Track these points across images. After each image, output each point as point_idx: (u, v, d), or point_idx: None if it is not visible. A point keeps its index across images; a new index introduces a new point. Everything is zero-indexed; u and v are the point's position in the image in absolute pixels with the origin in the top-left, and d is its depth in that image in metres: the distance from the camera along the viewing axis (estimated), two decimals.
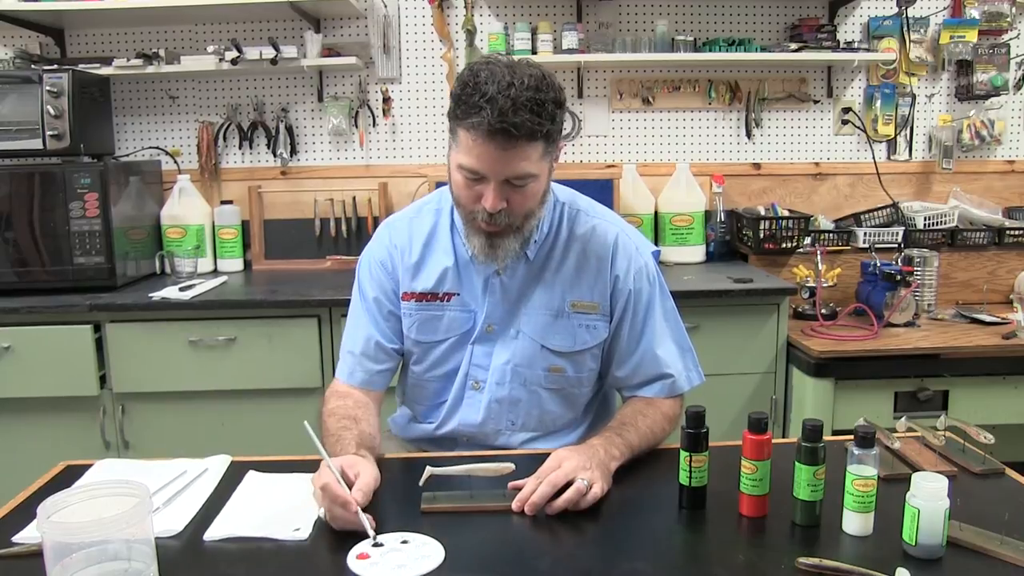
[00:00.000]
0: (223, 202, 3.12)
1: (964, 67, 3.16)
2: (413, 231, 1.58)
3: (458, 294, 1.54)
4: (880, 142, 3.23)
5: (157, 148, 3.17)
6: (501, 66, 1.31)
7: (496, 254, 1.44)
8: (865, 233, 3.03)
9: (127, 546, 1.00)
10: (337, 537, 1.17)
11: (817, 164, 3.25)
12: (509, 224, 1.41)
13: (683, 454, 1.25)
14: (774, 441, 1.24)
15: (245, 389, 2.58)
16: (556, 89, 1.34)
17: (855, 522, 1.17)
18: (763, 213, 3.08)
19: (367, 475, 1.25)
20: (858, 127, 3.22)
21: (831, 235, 3.04)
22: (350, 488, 1.20)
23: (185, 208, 3.04)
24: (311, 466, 1.40)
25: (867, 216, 3.12)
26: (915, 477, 1.12)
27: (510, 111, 1.28)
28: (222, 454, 1.46)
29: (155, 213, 3.03)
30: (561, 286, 1.53)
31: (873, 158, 3.21)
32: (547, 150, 1.36)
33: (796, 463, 1.19)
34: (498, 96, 1.27)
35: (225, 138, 3.16)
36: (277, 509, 1.26)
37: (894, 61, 3.16)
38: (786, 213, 3.07)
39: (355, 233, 3.15)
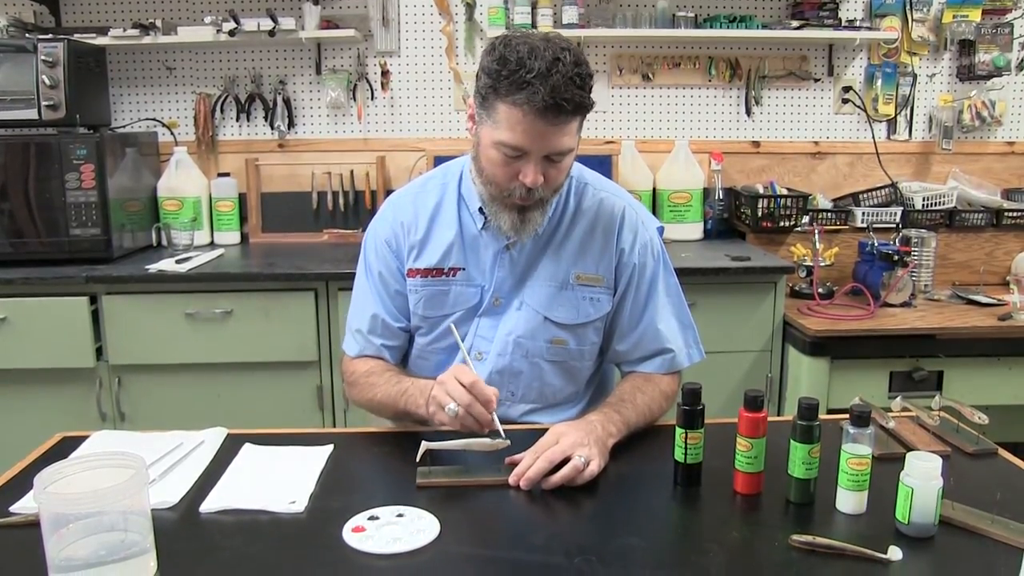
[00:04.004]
0: (220, 174, 3.11)
1: (966, 47, 3.14)
2: (418, 207, 1.58)
3: (464, 268, 1.54)
4: (880, 122, 3.22)
5: (154, 120, 3.15)
6: (536, 39, 1.32)
7: (526, 228, 1.46)
8: (863, 213, 3.02)
9: (123, 517, 1.00)
10: (333, 510, 1.17)
11: (816, 143, 3.23)
12: (541, 199, 1.42)
13: (679, 431, 1.25)
14: (770, 419, 1.25)
15: (242, 362, 2.58)
16: (588, 63, 1.35)
17: (849, 500, 1.17)
18: (762, 191, 3.07)
19: (491, 387, 1.33)
20: (858, 106, 3.20)
21: (829, 214, 3.04)
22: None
23: (182, 180, 3.02)
24: (307, 439, 1.42)
25: (866, 196, 3.11)
26: (909, 456, 1.12)
27: (562, 87, 1.28)
28: (218, 427, 1.46)
29: (151, 185, 3.01)
30: (567, 258, 1.53)
31: (873, 138, 3.20)
32: (581, 123, 1.39)
33: (791, 441, 1.20)
34: (548, 72, 1.28)
35: (222, 110, 3.14)
36: (273, 481, 1.26)
37: (896, 40, 3.13)
38: (785, 191, 3.06)
39: (352, 207, 3.14)
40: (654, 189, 3.12)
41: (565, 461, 1.24)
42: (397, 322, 1.59)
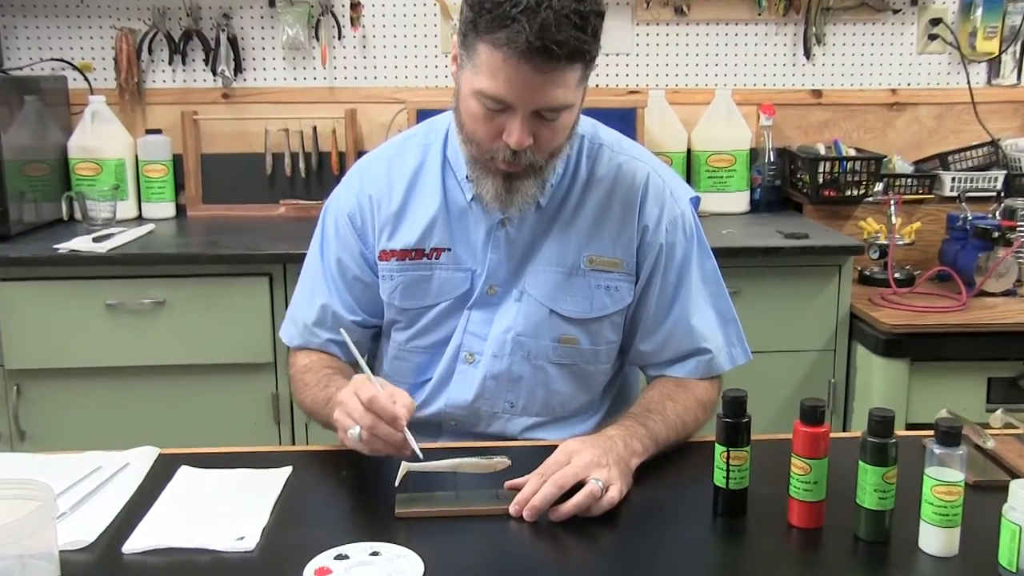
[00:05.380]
0: (149, 131, 3.10)
1: None
2: (393, 174, 1.58)
3: (449, 249, 1.55)
4: (979, 62, 3.20)
5: (61, 61, 3.13)
6: None
7: (513, 200, 1.45)
8: (954, 178, 3.02)
9: (20, 563, 0.99)
10: (291, 547, 1.17)
11: (894, 91, 3.23)
12: (532, 164, 1.41)
13: (719, 449, 1.26)
14: (832, 435, 1.24)
15: (177, 365, 2.58)
16: None
17: (935, 539, 1.17)
18: (823, 152, 3.07)
19: (404, 394, 1.32)
20: (950, 43, 3.19)
21: (909, 180, 3.03)
22: None
23: (100, 138, 3.02)
24: (260, 460, 1.42)
25: (957, 157, 3.10)
26: (1013, 485, 1.11)
27: (553, 26, 1.27)
28: (147, 446, 1.46)
29: (60, 144, 3.01)
30: (577, 238, 1.53)
31: (968, 83, 3.18)
32: (584, 75, 1.37)
33: (860, 463, 1.19)
34: (538, 5, 1.26)
35: (151, 50, 3.13)
36: (216, 513, 1.26)
37: None
38: (852, 152, 3.06)
39: (316, 172, 3.14)
40: (688, 151, 3.12)
41: (579, 486, 1.24)
42: (353, 315, 1.60)
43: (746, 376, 1.58)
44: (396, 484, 1.29)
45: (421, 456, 1.29)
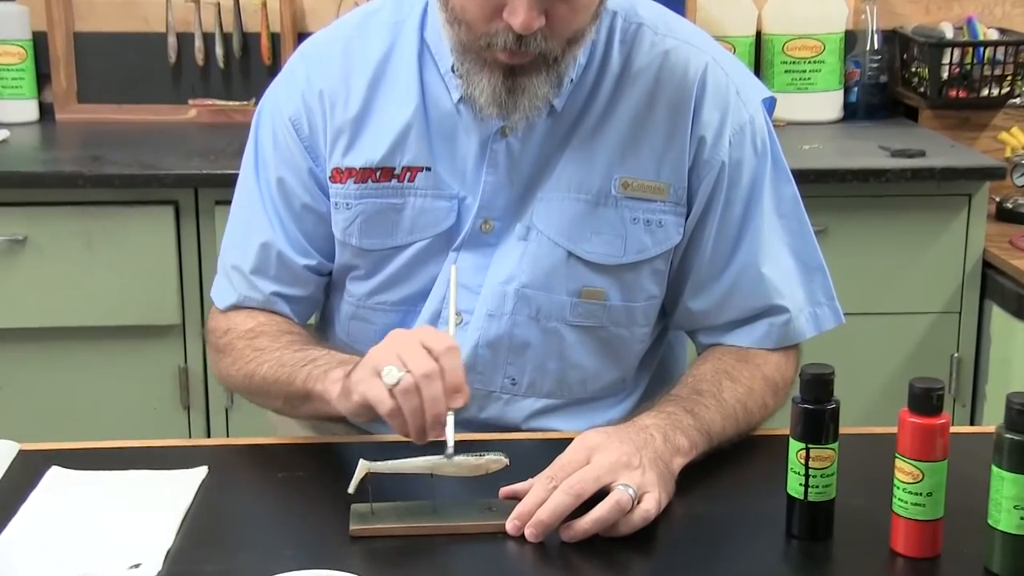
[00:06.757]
0: None
1: None
2: (351, 63, 1.58)
3: (428, 169, 1.55)
4: None
5: None
6: None
7: (517, 102, 1.44)
8: None
9: None
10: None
11: None
12: (543, 53, 1.40)
13: (795, 446, 1.26)
14: (954, 429, 1.25)
15: (43, 328, 2.60)
16: None
17: None
18: (951, 35, 3.06)
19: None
20: None
21: None
22: None
23: None
24: (163, 457, 1.42)
25: None
26: None
27: None
28: (2, 439, 1.46)
29: None
30: (605, 154, 1.53)
31: None
32: None
33: (995, 468, 1.20)
34: None
35: None
36: (101, 532, 1.26)
37: None
38: (993, 35, 3.05)
39: (239, 61, 3.15)
40: (758, 34, 3.14)
41: (601, 495, 1.25)
42: (304, 257, 1.60)
43: (834, 347, 1.59)
44: (351, 490, 1.29)
45: (452, 451, 1.29)
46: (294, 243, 1.59)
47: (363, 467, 1.28)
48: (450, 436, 1.28)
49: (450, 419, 1.29)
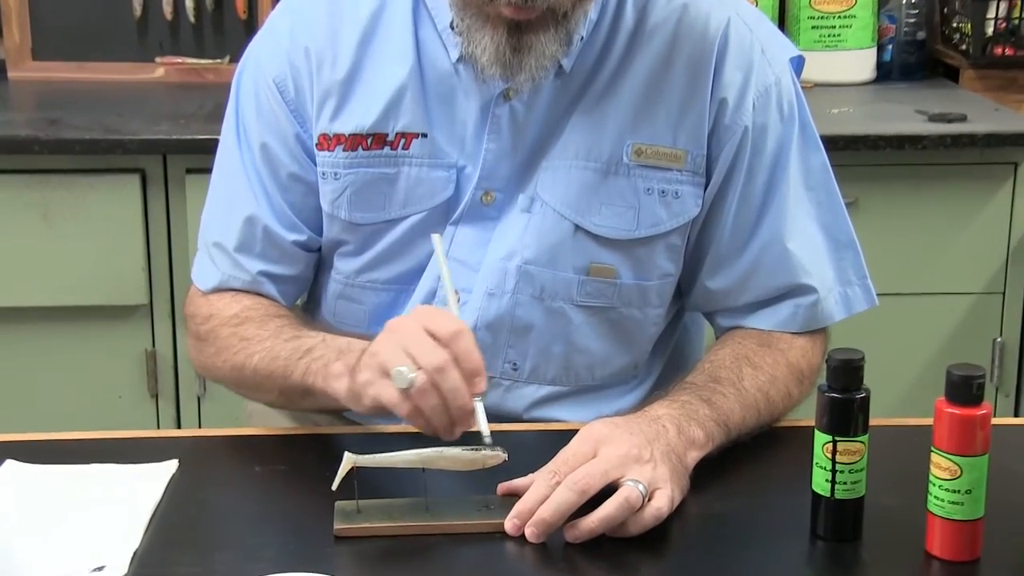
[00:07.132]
0: None
1: None
2: (340, 19, 1.58)
3: (425, 135, 1.55)
4: None
5: None
6: None
7: (522, 62, 1.45)
8: None
9: None
10: None
11: None
12: (552, 8, 1.41)
13: (822, 439, 1.27)
14: (996, 421, 1.26)
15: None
16: None
17: None
18: None
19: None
20: None
21: None
22: None
23: None
24: (128, 450, 1.43)
25: None
26: None
27: None
28: None
29: None
30: (617, 119, 1.54)
31: None
32: None
33: None
34: None
35: None
36: (62, 531, 1.27)
37: None
38: None
39: (211, 15, 3.14)
40: None
41: (609, 491, 1.26)
42: (293, 232, 1.61)
43: (865, 330, 1.61)
44: (335, 486, 1.29)
45: (489, 440, 1.30)
46: (281, 216, 1.60)
47: (348, 461, 1.28)
48: (483, 423, 1.30)
49: (479, 405, 1.30)
